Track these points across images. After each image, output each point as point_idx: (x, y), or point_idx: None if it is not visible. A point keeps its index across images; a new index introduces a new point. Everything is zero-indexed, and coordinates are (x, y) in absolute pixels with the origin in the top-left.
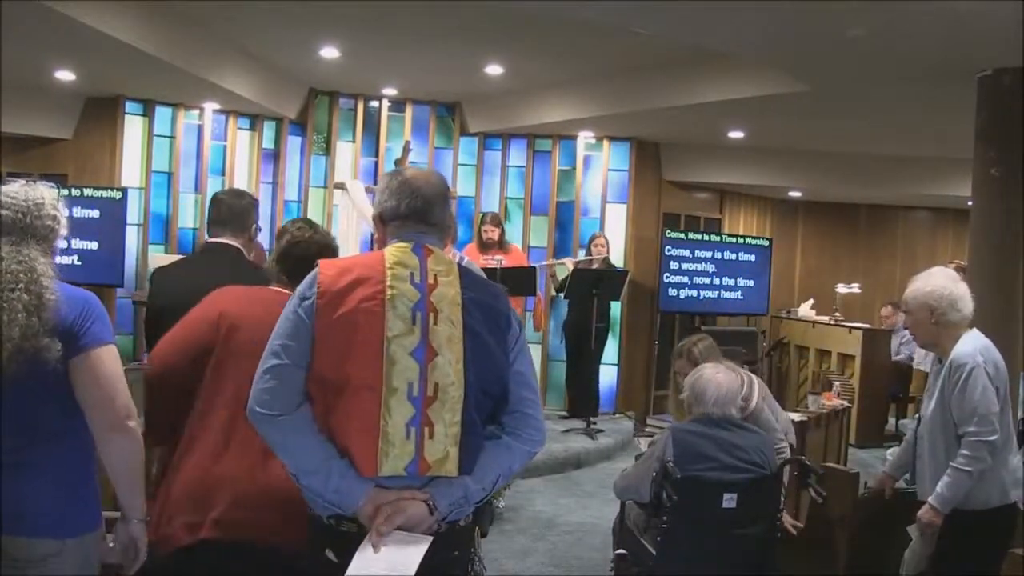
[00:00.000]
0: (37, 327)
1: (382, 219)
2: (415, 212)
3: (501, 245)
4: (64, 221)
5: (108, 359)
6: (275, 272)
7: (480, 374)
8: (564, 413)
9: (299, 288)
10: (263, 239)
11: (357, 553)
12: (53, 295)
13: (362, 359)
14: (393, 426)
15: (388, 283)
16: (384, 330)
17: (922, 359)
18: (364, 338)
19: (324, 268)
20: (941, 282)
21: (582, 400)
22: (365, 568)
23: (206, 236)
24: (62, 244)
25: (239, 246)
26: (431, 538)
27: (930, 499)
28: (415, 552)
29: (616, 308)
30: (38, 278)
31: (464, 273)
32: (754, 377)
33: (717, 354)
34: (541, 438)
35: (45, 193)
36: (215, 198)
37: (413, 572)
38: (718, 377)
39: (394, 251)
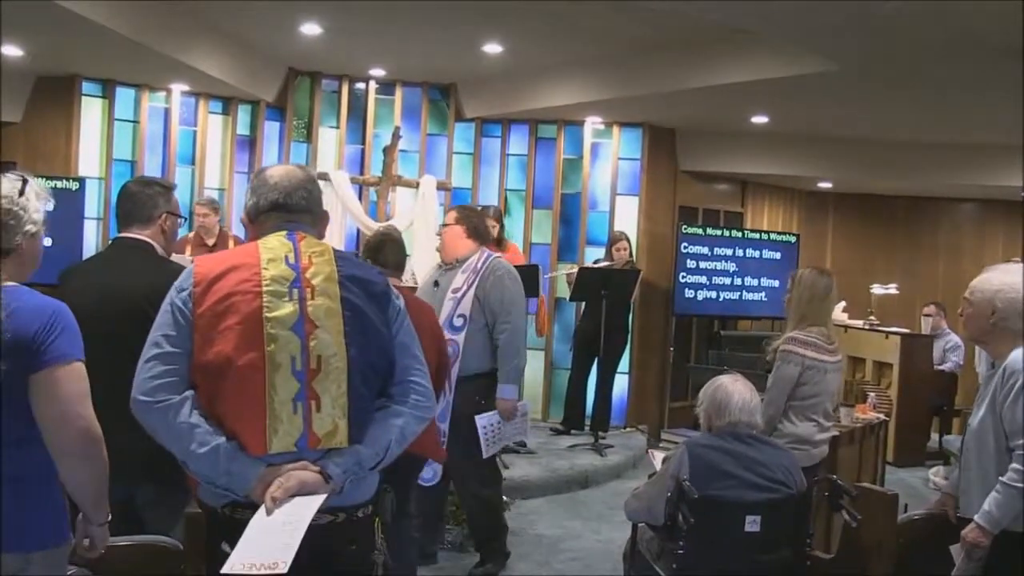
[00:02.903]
0: None
1: (249, 219)
2: (275, 204)
3: (499, 242)
4: (31, 216)
5: (68, 378)
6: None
7: (363, 346)
8: (559, 427)
9: (176, 281)
10: (239, 233)
11: (252, 520)
12: None
13: (243, 340)
14: (280, 402)
15: (263, 266)
16: (262, 309)
17: (980, 362)
18: (243, 319)
19: (199, 261)
20: (1016, 283)
21: (582, 413)
22: (259, 530)
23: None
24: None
25: (147, 239)
26: (325, 495)
27: (976, 517)
28: (309, 508)
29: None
30: None
31: (339, 254)
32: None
33: (828, 304)
34: (429, 403)
35: (3, 185)
36: (121, 189)
37: (306, 523)
38: (738, 386)
39: (267, 239)
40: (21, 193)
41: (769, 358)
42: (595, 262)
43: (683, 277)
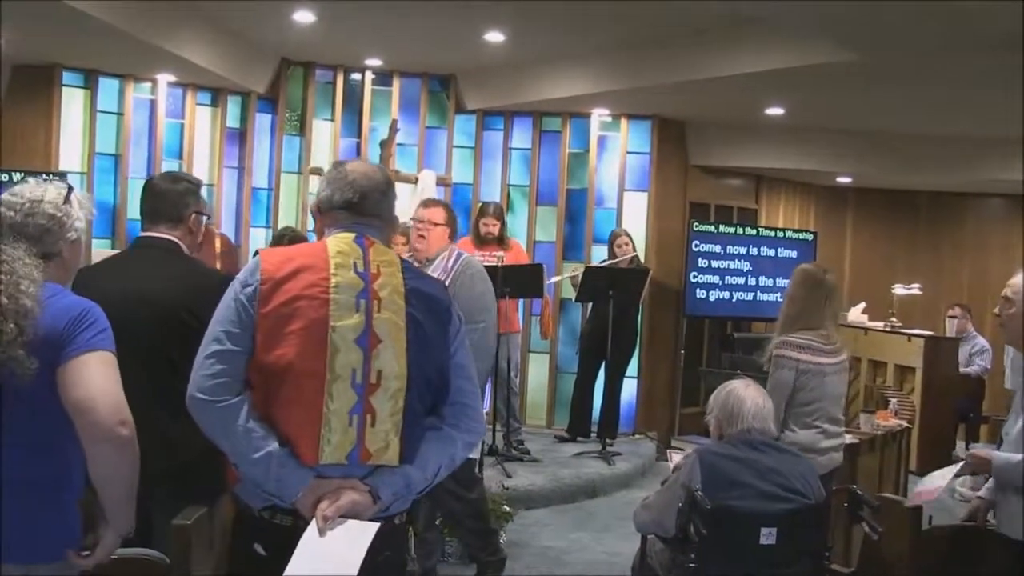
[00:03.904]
0: (13, 334)
1: (319, 209)
2: (348, 203)
3: (501, 240)
4: (73, 224)
5: (95, 363)
6: None
7: (422, 364)
8: (563, 434)
9: (240, 275)
10: (228, 231)
11: (302, 540)
12: (31, 301)
13: (306, 346)
14: (335, 414)
15: (332, 271)
16: (328, 317)
17: (1012, 363)
18: (308, 325)
19: (266, 255)
20: None
21: (589, 419)
22: (311, 556)
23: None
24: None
25: (175, 239)
26: (378, 524)
27: (995, 454)
28: (363, 539)
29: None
30: (17, 281)
31: (406, 265)
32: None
33: (824, 305)
34: (481, 428)
35: (48, 191)
36: (147, 184)
37: (360, 559)
38: (750, 391)
39: (336, 241)
40: (66, 200)
41: (766, 369)
42: (601, 262)
43: (694, 277)
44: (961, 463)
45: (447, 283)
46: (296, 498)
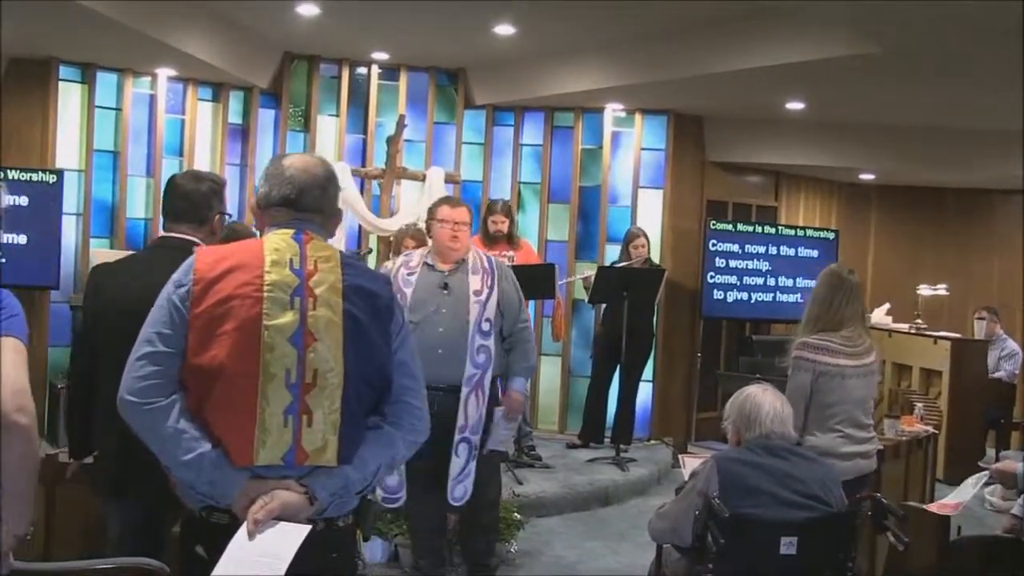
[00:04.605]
0: None
1: (259, 207)
2: (286, 199)
3: (510, 239)
4: None
5: None
6: None
7: (360, 362)
8: (576, 440)
9: (175, 275)
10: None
11: (232, 541)
12: None
13: (239, 346)
14: (270, 414)
15: (266, 269)
16: (261, 316)
17: None
18: (241, 325)
19: (200, 255)
20: None
21: (603, 424)
22: (239, 558)
23: (160, 229)
24: None
25: (198, 241)
26: (309, 526)
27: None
28: (292, 541)
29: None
30: None
31: (346, 261)
32: None
33: (844, 307)
34: (424, 427)
35: None
36: (170, 183)
37: (288, 561)
38: (767, 395)
39: (273, 238)
40: None
41: (789, 372)
42: (613, 264)
43: (711, 277)
44: (983, 473)
45: (494, 283)
46: (230, 499)
